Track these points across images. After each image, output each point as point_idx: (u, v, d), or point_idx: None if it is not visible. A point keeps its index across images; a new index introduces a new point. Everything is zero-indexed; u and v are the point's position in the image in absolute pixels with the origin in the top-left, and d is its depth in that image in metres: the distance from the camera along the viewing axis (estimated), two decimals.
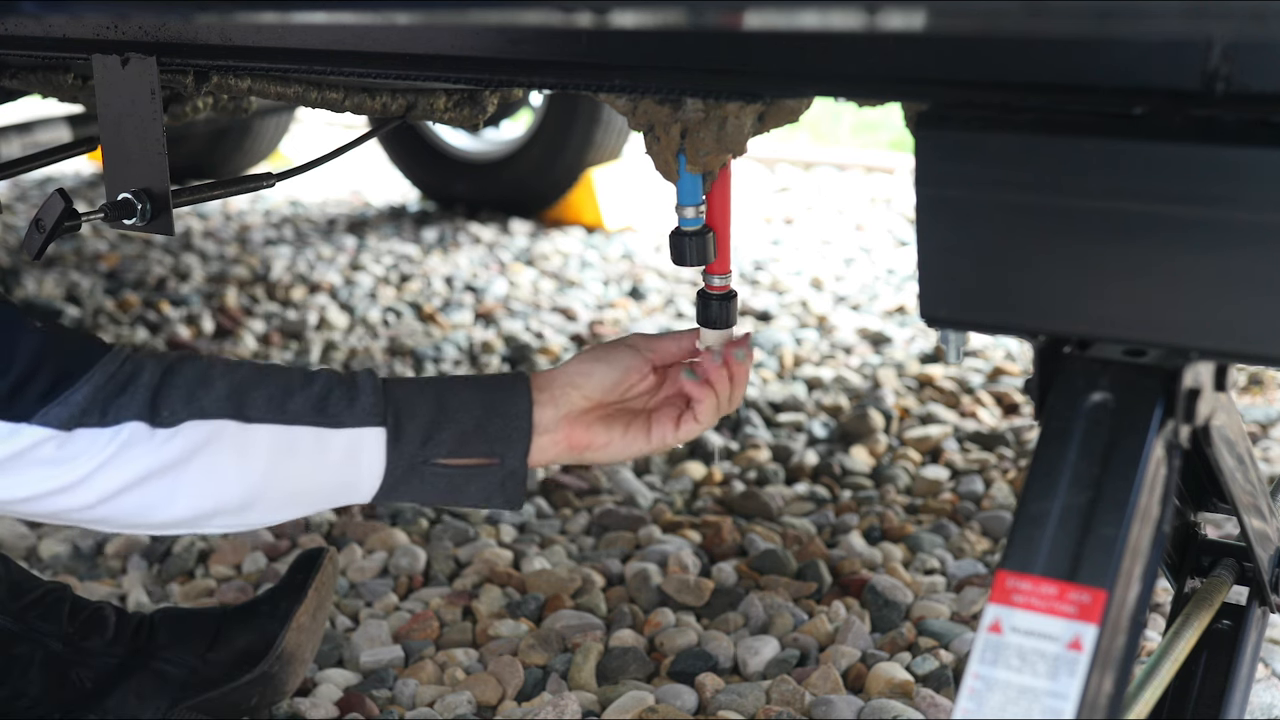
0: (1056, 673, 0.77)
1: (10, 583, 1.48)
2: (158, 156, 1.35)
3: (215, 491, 1.06)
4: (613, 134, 3.74)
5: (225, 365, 1.08)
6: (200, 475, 1.05)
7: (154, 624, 1.52)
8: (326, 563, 1.57)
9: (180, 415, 1.04)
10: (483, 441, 1.09)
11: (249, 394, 1.06)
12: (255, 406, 1.06)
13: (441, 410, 1.09)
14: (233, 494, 1.07)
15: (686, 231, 1.18)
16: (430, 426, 1.08)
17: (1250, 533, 1.16)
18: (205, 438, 1.05)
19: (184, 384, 1.05)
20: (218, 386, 1.06)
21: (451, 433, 1.09)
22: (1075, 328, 0.84)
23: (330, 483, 1.08)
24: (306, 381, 1.08)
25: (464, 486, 1.10)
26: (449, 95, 1.43)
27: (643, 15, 0.81)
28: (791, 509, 2.08)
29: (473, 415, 1.09)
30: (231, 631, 1.52)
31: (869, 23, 0.73)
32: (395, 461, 1.08)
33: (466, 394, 1.11)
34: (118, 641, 1.49)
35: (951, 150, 0.83)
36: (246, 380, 1.07)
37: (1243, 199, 0.75)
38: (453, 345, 2.85)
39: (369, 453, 1.07)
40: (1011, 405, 2.51)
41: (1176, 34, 0.77)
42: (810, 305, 3.14)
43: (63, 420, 1.02)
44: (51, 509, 1.05)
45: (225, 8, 0.89)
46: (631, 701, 1.57)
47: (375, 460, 1.07)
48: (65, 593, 1.51)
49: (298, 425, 1.06)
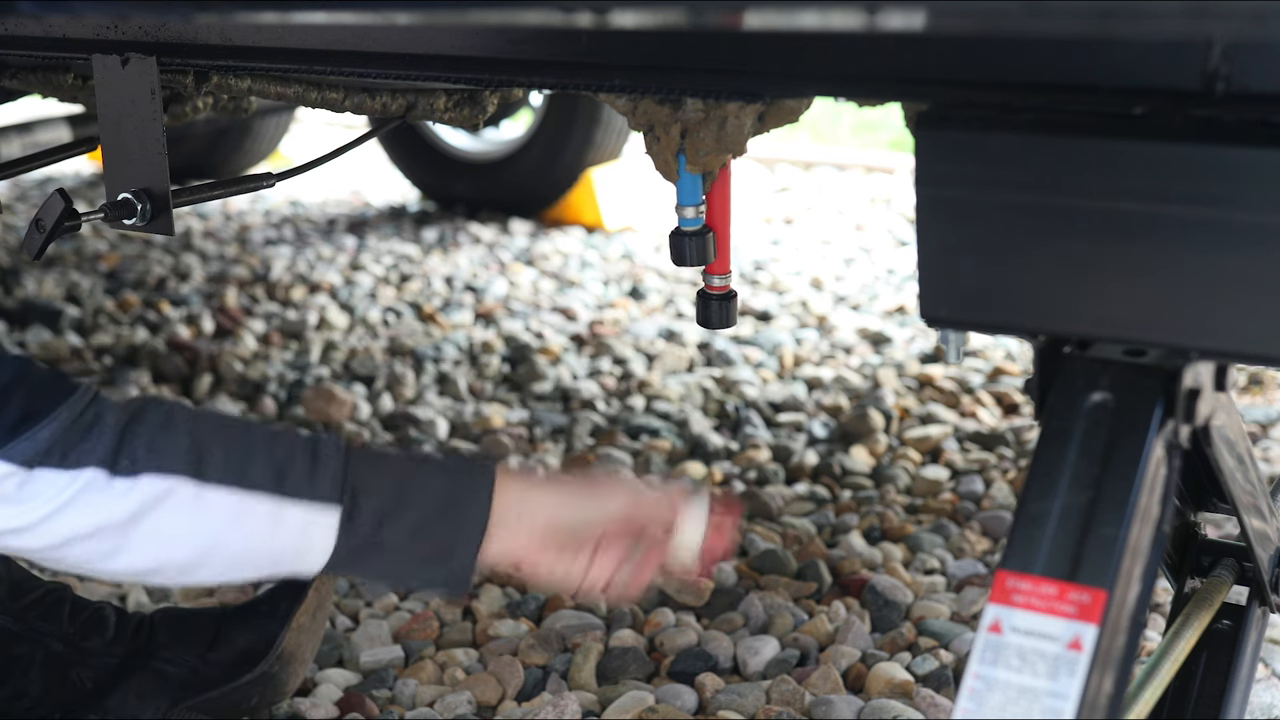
0: (1056, 673, 0.77)
1: (11, 582, 1.48)
2: (158, 156, 1.35)
3: (164, 550, 1.06)
4: (613, 134, 3.74)
5: (190, 415, 1.07)
6: (151, 532, 1.05)
7: (154, 624, 1.52)
8: None
9: (140, 465, 1.04)
10: (436, 533, 1.10)
11: (209, 451, 1.05)
12: (214, 467, 1.05)
13: (401, 495, 1.09)
14: (181, 554, 1.07)
15: (686, 231, 1.18)
16: (386, 510, 1.08)
17: (1250, 533, 1.16)
18: (160, 494, 1.04)
19: (146, 432, 1.05)
20: (179, 438, 1.05)
21: (407, 520, 1.09)
22: (1075, 328, 0.84)
23: (279, 551, 1.08)
24: (269, 446, 1.07)
25: (411, 572, 1.12)
26: (449, 95, 1.43)
27: (643, 15, 0.81)
28: (791, 509, 2.08)
29: (431, 505, 1.10)
30: (231, 631, 1.52)
31: (869, 23, 0.73)
32: (346, 540, 1.08)
33: (429, 480, 1.11)
34: (118, 641, 1.49)
35: (951, 150, 0.83)
36: (208, 436, 1.06)
37: (1243, 199, 0.75)
38: (453, 345, 2.85)
39: (321, 529, 1.07)
40: (1011, 405, 2.51)
41: (1176, 34, 0.77)
42: (810, 305, 3.14)
43: (26, 457, 1.02)
44: (7, 546, 1.05)
45: (225, 8, 0.89)
46: (631, 701, 1.57)
47: (327, 537, 1.07)
48: (65, 593, 1.51)
49: (255, 493, 1.05)
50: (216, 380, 2.65)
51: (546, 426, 2.41)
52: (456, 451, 2.29)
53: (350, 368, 2.72)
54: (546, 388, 2.60)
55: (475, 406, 2.52)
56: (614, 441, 2.34)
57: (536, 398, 2.57)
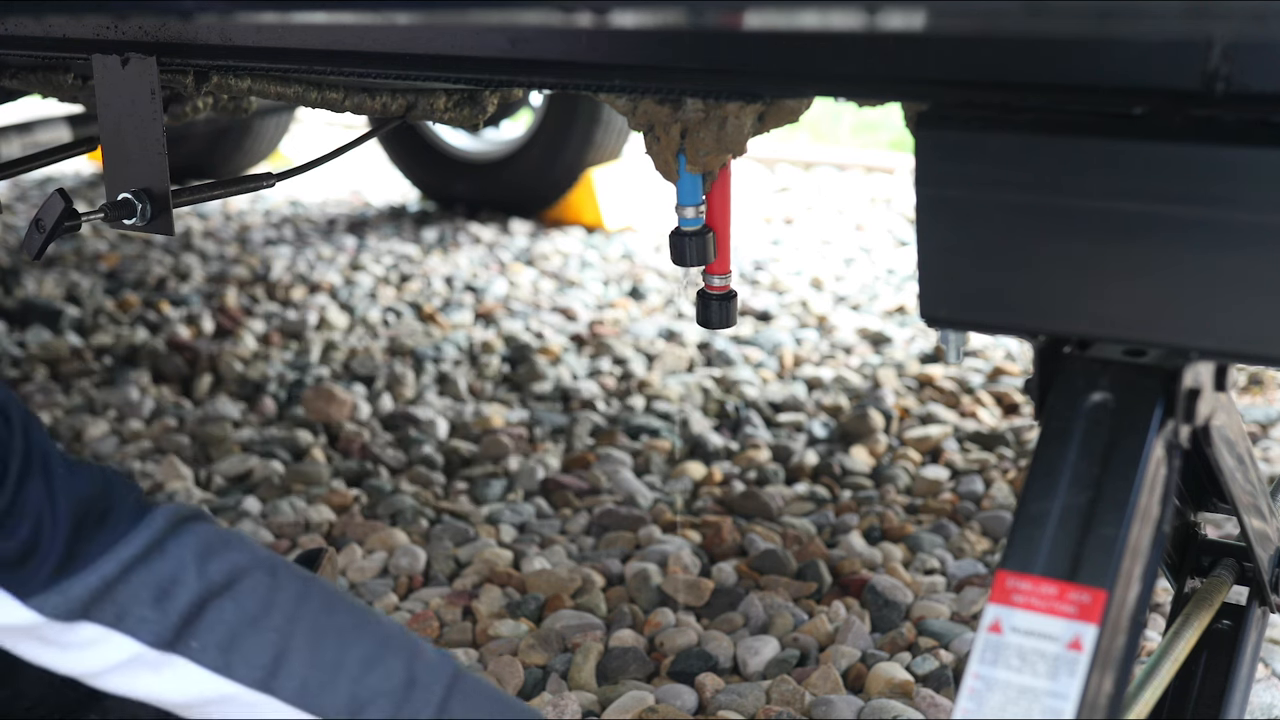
0: (1056, 673, 0.77)
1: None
2: (158, 156, 1.35)
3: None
4: (613, 134, 3.74)
5: (292, 600, 0.93)
6: (199, 714, 0.95)
7: None
8: (326, 562, 1.57)
9: (208, 658, 0.91)
10: None
11: (290, 660, 0.93)
12: (289, 685, 0.93)
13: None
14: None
15: (686, 231, 1.18)
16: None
17: (1250, 533, 1.16)
18: (220, 698, 0.93)
19: (231, 620, 0.92)
20: (265, 638, 0.92)
21: None
22: (1075, 328, 0.84)
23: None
24: (365, 668, 0.94)
25: None
26: (449, 95, 1.43)
27: (643, 15, 0.81)
28: (791, 509, 2.08)
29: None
30: None
31: (869, 23, 0.73)
32: None
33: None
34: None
35: (951, 150, 0.83)
36: (300, 639, 0.93)
37: (1243, 199, 0.75)
38: (453, 345, 2.85)
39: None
40: (1011, 405, 2.51)
41: (1176, 34, 0.77)
42: (810, 305, 3.14)
43: (68, 610, 0.89)
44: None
45: (225, 8, 0.89)
46: (631, 701, 1.57)
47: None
48: None
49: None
50: (216, 380, 2.66)
51: (546, 426, 2.41)
52: (457, 453, 2.29)
53: (350, 368, 2.72)
54: (546, 388, 2.60)
55: (475, 406, 2.52)
56: (614, 441, 2.34)
57: (536, 398, 2.57)
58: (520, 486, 2.17)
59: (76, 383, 2.65)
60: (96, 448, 2.34)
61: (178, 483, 2.18)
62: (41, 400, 2.54)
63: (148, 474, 2.22)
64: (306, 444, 2.33)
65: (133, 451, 2.32)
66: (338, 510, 2.10)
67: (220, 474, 2.23)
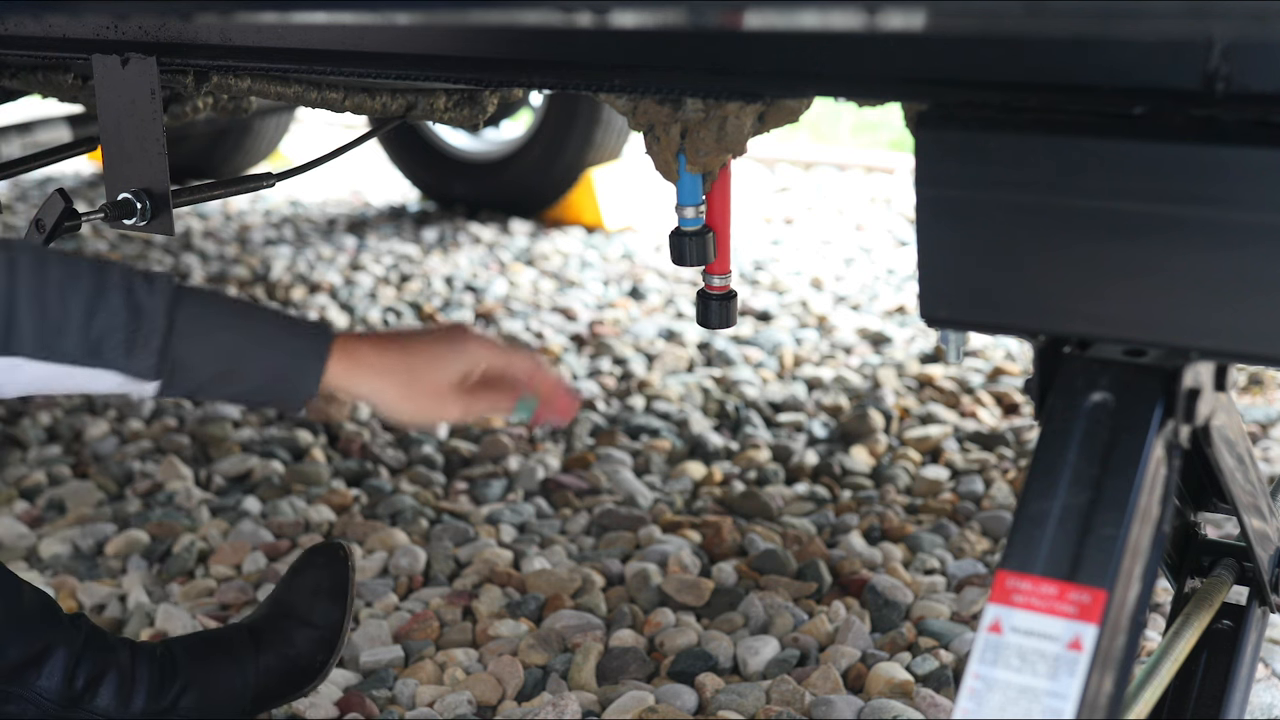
0: (1056, 673, 0.77)
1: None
2: (158, 156, 1.35)
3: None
4: (613, 134, 3.74)
5: (6, 275, 1.03)
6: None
7: (184, 688, 1.46)
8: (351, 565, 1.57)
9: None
10: (262, 396, 1.11)
11: (19, 324, 1.02)
12: (23, 341, 1.03)
13: (228, 373, 1.09)
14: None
15: (686, 231, 1.18)
16: (210, 383, 1.09)
17: (1250, 533, 1.16)
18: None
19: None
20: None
21: (231, 390, 1.10)
22: (1075, 328, 0.84)
23: (100, 392, 1.09)
24: (88, 315, 1.04)
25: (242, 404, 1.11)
26: (449, 95, 1.43)
27: (643, 15, 0.81)
28: (791, 509, 2.08)
29: (259, 379, 1.10)
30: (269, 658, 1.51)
31: (869, 23, 0.73)
32: (166, 394, 1.09)
33: (254, 365, 1.10)
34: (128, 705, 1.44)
35: (951, 150, 0.83)
36: (22, 305, 1.02)
37: (1243, 199, 0.75)
38: None
39: (140, 388, 1.08)
40: (1011, 405, 2.51)
41: (1176, 34, 0.77)
42: (810, 305, 3.14)
43: None
44: None
45: (225, 8, 0.89)
46: (631, 701, 1.57)
47: (146, 393, 1.08)
48: (69, 644, 1.42)
49: (68, 365, 1.04)
50: None
51: (546, 426, 2.41)
52: (457, 453, 2.29)
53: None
54: None
55: None
56: (614, 441, 2.34)
57: None
58: (520, 486, 2.17)
59: None
60: (96, 448, 2.34)
61: (178, 483, 2.18)
62: (41, 400, 2.54)
63: (148, 474, 2.23)
64: (306, 444, 2.33)
65: (133, 451, 2.32)
66: (338, 510, 2.10)
67: (220, 474, 2.23)
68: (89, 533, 2.02)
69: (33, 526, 2.08)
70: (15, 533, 2.03)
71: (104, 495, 2.17)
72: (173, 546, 1.98)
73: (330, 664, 1.52)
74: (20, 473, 2.25)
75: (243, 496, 2.14)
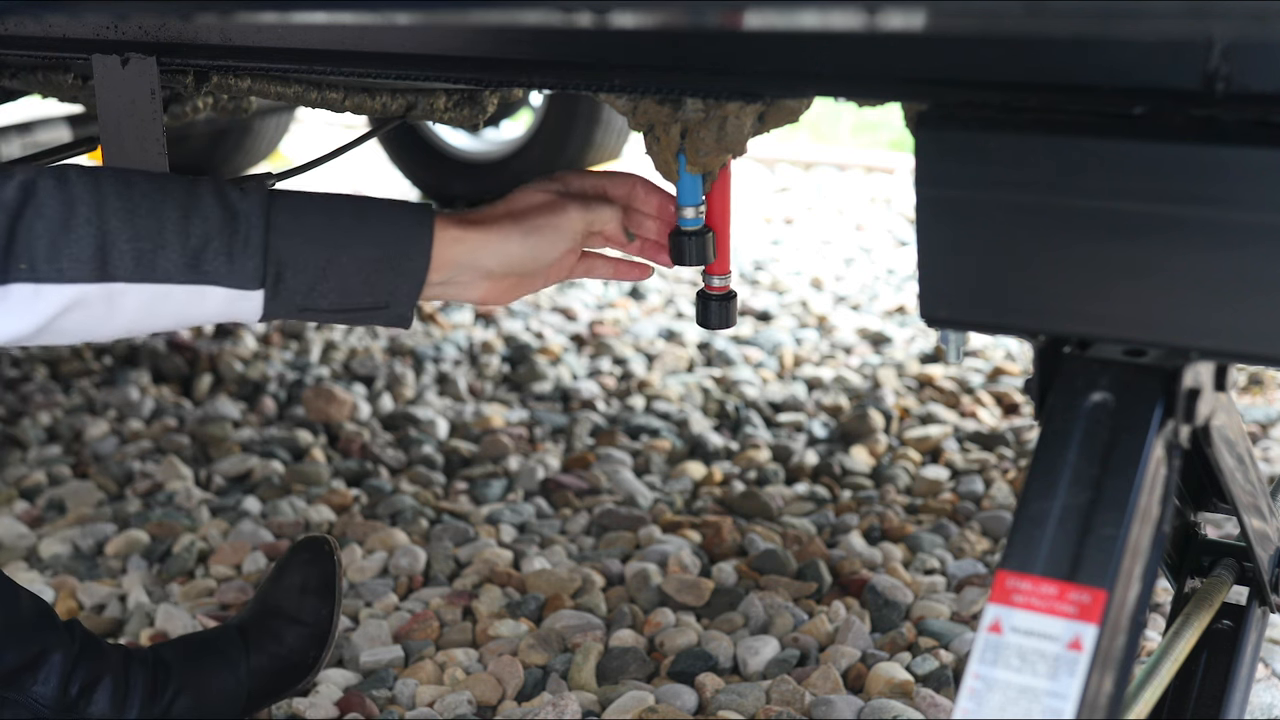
0: (1056, 673, 0.77)
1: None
2: (158, 156, 1.35)
3: (80, 338, 1.01)
4: (613, 134, 3.74)
5: (92, 198, 0.97)
6: (61, 332, 0.99)
7: (177, 693, 1.46)
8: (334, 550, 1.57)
9: (41, 274, 0.96)
10: (369, 292, 1.06)
11: (116, 247, 0.97)
12: (122, 264, 0.97)
13: (331, 264, 1.03)
14: (99, 337, 1.02)
15: (686, 231, 1.18)
16: (315, 280, 1.03)
17: (1250, 533, 1.16)
18: (67, 304, 0.97)
19: (45, 230, 0.95)
20: (82, 237, 0.96)
21: (337, 284, 1.04)
22: (1075, 328, 0.84)
23: (206, 318, 1.03)
24: (183, 227, 0.99)
25: (347, 319, 1.07)
26: (449, 95, 1.43)
27: (643, 15, 0.81)
28: (791, 509, 2.08)
29: (364, 269, 1.05)
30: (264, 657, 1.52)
31: (869, 23, 0.73)
32: (273, 309, 1.04)
33: (363, 244, 1.05)
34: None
35: (951, 150, 0.83)
36: (115, 226, 0.97)
37: (1243, 199, 0.75)
38: (453, 345, 2.85)
39: (247, 304, 1.03)
40: (1011, 405, 2.51)
41: (1176, 34, 0.77)
42: (810, 305, 3.14)
43: None
44: None
45: (225, 8, 0.89)
46: (631, 701, 1.57)
47: (252, 309, 1.03)
48: (63, 648, 1.42)
49: (170, 284, 0.99)
50: (216, 380, 2.66)
51: (546, 426, 2.41)
52: (457, 453, 2.29)
53: (350, 368, 2.72)
54: (546, 388, 2.60)
55: (475, 406, 2.52)
56: (614, 441, 2.34)
57: (536, 398, 2.57)
58: (520, 486, 2.17)
59: (76, 382, 2.65)
60: (96, 448, 2.34)
61: (178, 483, 2.18)
62: (41, 400, 2.54)
63: (148, 474, 2.23)
64: (306, 444, 2.33)
65: (133, 451, 2.32)
66: (338, 510, 2.10)
67: (220, 474, 2.23)
68: (89, 533, 2.02)
69: (33, 526, 2.08)
70: (15, 533, 2.03)
71: (104, 495, 2.17)
72: (173, 546, 1.98)
73: (322, 659, 1.53)
74: (20, 473, 2.25)
75: (243, 496, 2.14)
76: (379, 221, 1.06)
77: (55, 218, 0.96)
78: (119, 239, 0.98)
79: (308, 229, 1.03)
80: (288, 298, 1.03)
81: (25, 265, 0.95)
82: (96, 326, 1.00)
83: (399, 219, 1.06)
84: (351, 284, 1.04)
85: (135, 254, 0.98)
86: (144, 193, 0.99)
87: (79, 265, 0.96)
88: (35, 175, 0.97)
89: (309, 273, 1.03)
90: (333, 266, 1.03)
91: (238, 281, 1.01)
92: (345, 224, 1.04)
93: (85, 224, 0.97)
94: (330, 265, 1.03)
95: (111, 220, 0.98)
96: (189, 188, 1.00)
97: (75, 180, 0.98)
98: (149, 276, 0.99)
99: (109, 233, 0.97)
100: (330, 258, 1.03)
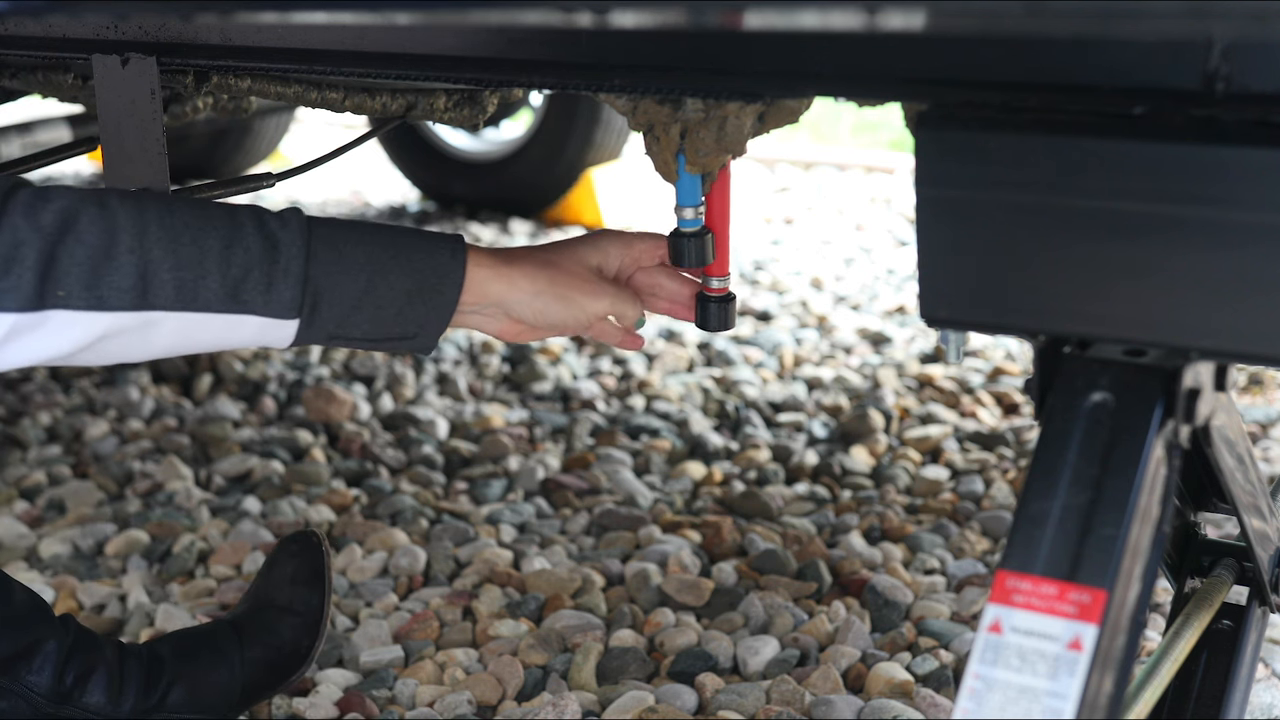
0: (1056, 673, 0.77)
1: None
2: (158, 156, 1.35)
3: (114, 359, 1.02)
4: (613, 134, 3.74)
5: (135, 227, 0.97)
6: (100, 354, 1.00)
7: (169, 684, 1.46)
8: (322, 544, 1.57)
9: (79, 301, 0.95)
10: (400, 323, 1.07)
11: (157, 277, 0.97)
12: (163, 293, 0.98)
13: (367, 295, 1.05)
14: (133, 359, 1.03)
15: (685, 232, 1.18)
16: (349, 311, 1.05)
17: (1250, 533, 1.16)
18: (104, 332, 0.97)
19: (85, 257, 0.95)
20: (123, 267, 0.96)
21: (370, 315, 1.05)
22: (1075, 328, 0.84)
23: (238, 343, 1.04)
24: (224, 257, 0.99)
25: (374, 346, 1.09)
26: (449, 95, 1.43)
27: (643, 15, 0.81)
28: (791, 509, 2.08)
29: (398, 301, 1.06)
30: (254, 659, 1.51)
31: (869, 23, 0.73)
32: (305, 337, 1.05)
33: (395, 275, 1.06)
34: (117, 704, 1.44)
35: (951, 150, 0.83)
36: (157, 255, 0.97)
37: (1243, 199, 0.75)
38: (453, 345, 2.85)
39: (280, 331, 1.03)
40: (1011, 405, 2.51)
41: (1176, 34, 0.77)
42: (810, 305, 3.14)
43: None
44: None
45: (225, 8, 0.89)
46: (631, 701, 1.57)
47: (285, 337, 1.04)
48: (59, 637, 1.42)
49: (208, 313, 1.00)
50: (216, 380, 2.66)
51: (546, 426, 2.41)
52: (457, 453, 2.29)
53: (350, 368, 2.72)
54: (546, 388, 2.60)
55: (475, 406, 2.52)
56: (614, 441, 2.34)
57: (536, 398, 2.57)
58: (520, 486, 2.17)
59: (76, 382, 2.65)
60: (96, 448, 2.34)
61: (178, 483, 2.18)
62: (41, 400, 2.54)
63: (148, 474, 2.23)
64: (306, 444, 2.33)
65: (133, 451, 2.32)
66: (338, 510, 2.10)
67: (220, 474, 2.23)
68: (89, 533, 2.02)
69: (33, 526, 2.07)
70: (15, 533, 2.03)
71: (104, 495, 2.17)
72: (173, 546, 1.98)
73: (316, 648, 1.53)
74: (20, 473, 2.25)
75: (243, 496, 2.14)
76: (414, 253, 1.07)
77: (97, 244, 0.96)
78: (161, 268, 0.98)
79: (346, 260, 1.04)
80: (320, 326, 1.04)
81: (64, 292, 0.95)
82: (130, 351, 1.01)
83: (435, 252, 1.08)
84: (385, 315, 1.06)
85: (177, 283, 0.98)
86: (186, 221, 0.99)
87: (120, 294, 0.97)
88: (75, 201, 0.96)
89: (344, 304, 1.04)
90: (368, 298, 1.05)
91: (275, 311, 1.02)
92: (382, 256, 1.06)
93: (128, 252, 0.97)
94: (366, 296, 1.05)
95: (154, 249, 0.98)
96: (230, 215, 1.01)
97: (117, 207, 0.98)
98: (189, 306, 0.99)
99: (151, 261, 0.97)
100: (366, 289, 1.05)
